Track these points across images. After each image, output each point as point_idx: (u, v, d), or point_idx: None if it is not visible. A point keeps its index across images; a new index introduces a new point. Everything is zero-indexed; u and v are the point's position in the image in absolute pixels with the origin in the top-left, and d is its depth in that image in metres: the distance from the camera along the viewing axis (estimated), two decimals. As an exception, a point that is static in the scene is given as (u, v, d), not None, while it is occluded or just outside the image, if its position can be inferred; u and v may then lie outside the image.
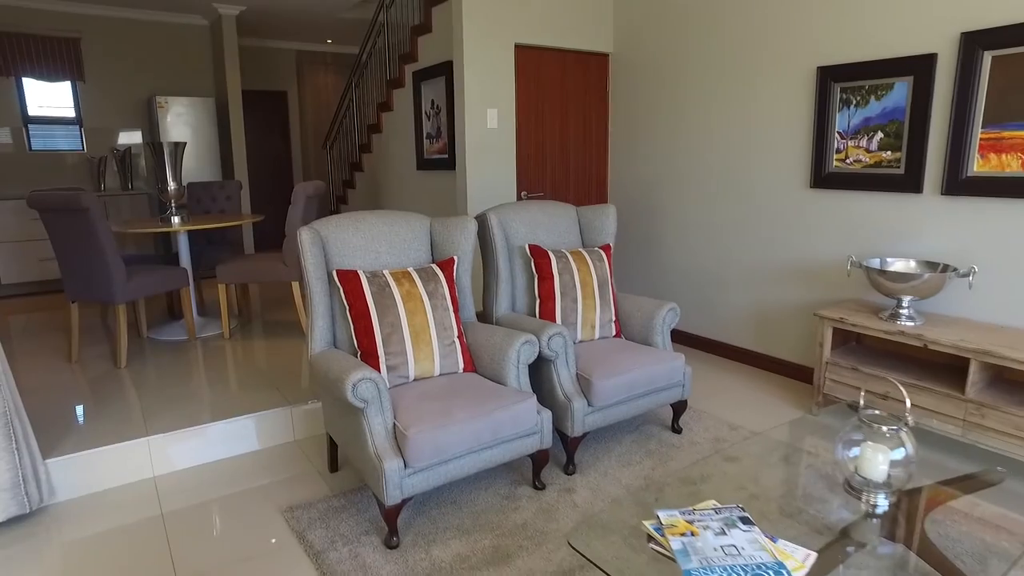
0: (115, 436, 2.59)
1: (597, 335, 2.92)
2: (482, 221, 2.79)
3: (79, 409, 2.90)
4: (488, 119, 4.00)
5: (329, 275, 2.41)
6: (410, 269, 2.48)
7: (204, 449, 2.68)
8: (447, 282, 2.51)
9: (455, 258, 2.60)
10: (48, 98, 6.15)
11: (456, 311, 2.51)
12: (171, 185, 4.16)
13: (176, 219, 4.10)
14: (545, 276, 2.83)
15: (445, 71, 4.42)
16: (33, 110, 6.08)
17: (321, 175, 8.58)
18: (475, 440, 2.14)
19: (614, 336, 2.98)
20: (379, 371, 2.29)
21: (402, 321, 2.34)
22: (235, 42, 6.33)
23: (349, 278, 2.35)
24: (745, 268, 3.78)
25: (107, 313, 4.73)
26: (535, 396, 2.31)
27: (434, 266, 2.53)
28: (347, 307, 2.35)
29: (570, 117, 4.43)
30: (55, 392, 3.13)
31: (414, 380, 2.38)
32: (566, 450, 2.56)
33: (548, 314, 2.83)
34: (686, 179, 4.06)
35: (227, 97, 6.42)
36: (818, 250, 3.39)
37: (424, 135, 4.82)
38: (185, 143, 4.19)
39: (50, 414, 2.84)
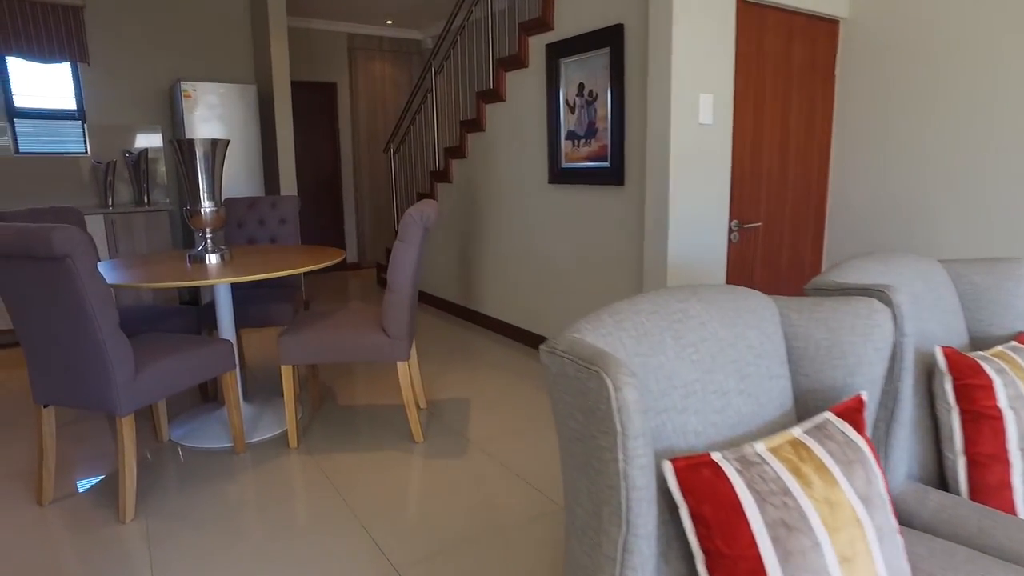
0: None
1: (1055, 522, 1.48)
2: (885, 302, 1.35)
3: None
4: (701, 110, 2.57)
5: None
6: (797, 434, 1.04)
7: None
8: (874, 457, 1.08)
9: (862, 395, 1.16)
10: (41, 84, 4.79)
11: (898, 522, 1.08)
12: (206, 205, 2.76)
13: (214, 258, 2.69)
14: (986, 413, 1.39)
15: (609, 40, 3.01)
16: (21, 100, 4.70)
17: (379, 186, 7.17)
18: None
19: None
20: None
21: (839, 592, 0.91)
22: (283, 17, 4.95)
23: (701, 479, 0.92)
24: None
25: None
26: None
27: (839, 422, 1.09)
28: (701, 553, 0.92)
29: (792, 109, 3.00)
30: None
31: None
32: None
33: (992, 492, 1.38)
34: (983, 206, 2.61)
35: (272, 86, 5.03)
36: None
37: (562, 134, 3.40)
38: (228, 141, 2.79)
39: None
